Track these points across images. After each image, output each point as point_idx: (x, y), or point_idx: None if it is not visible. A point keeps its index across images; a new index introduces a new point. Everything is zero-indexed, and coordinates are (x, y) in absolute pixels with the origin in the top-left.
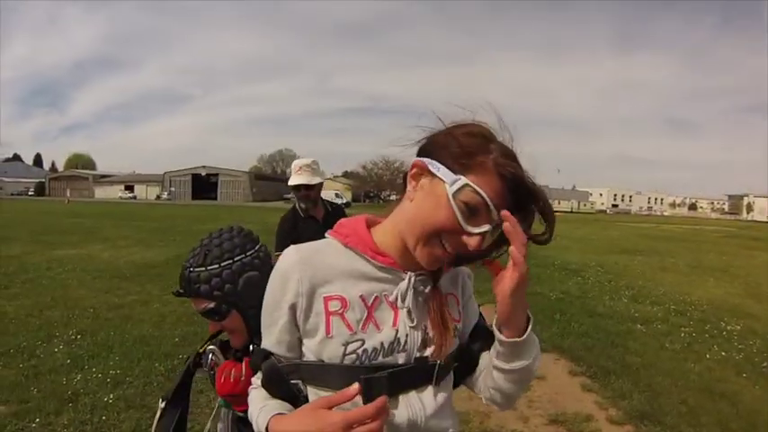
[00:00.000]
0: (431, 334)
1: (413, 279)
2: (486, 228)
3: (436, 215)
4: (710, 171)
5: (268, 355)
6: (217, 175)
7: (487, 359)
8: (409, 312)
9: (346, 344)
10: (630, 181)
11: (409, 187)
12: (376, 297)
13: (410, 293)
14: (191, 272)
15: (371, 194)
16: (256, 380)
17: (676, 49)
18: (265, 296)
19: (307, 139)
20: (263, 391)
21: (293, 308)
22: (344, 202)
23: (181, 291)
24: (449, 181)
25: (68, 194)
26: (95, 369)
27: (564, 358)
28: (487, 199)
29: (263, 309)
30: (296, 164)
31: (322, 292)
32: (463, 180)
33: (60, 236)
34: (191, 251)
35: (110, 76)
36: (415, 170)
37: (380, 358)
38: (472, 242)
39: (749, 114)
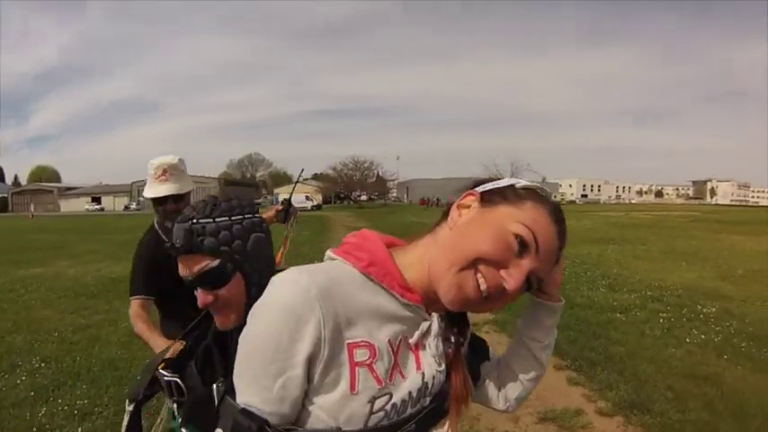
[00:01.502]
0: (451, 387)
1: (437, 321)
2: (530, 265)
3: (483, 240)
4: (675, 159)
5: (262, 426)
6: None
7: (490, 369)
8: (434, 357)
9: (373, 400)
10: (598, 171)
11: (453, 215)
12: (399, 340)
13: (437, 337)
14: (194, 223)
15: (342, 196)
16: None
17: (641, 43)
18: (256, 337)
19: (276, 142)
20: None
21: (310, 359)
22: (315, 204)
23: (177, 245)
24: (507, 217)
25: (33, 209)
26: (61, 400)
27: None
28: (539, 237)
29: (251, 353)
30: (156, 165)
31: (346, 338)
32: (518, 216)
33: (24, 254)
34: (189, 208)
35: (75, 86)
36: (468, 198)
37: (409, 410)
38: (512, 280)
39: (711, 104)
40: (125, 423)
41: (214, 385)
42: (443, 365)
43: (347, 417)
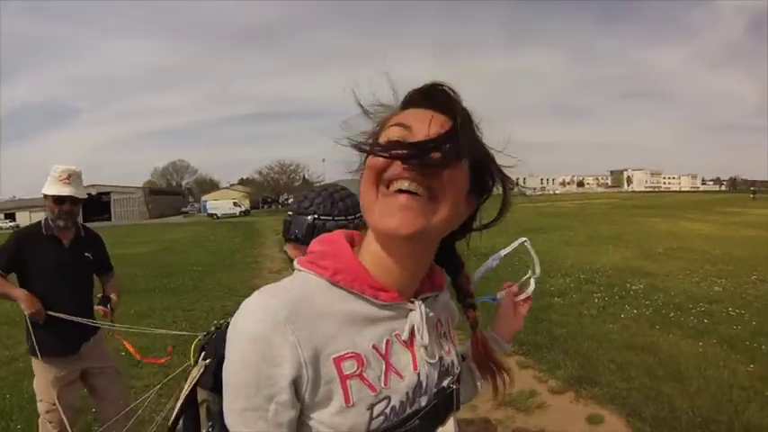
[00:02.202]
0: (446, 362)
1: (422, 308)
2: (405, 150)
3: (371, 161)
4: (593, 151)
5: None
6: (109, 193)
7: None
8: (426, 348)
9: (371, 407)
10: (523, 164)
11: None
12: (387, 341)
13: (425, 326)
14: (317, 219)
15: (269, 200)
16: None
17: (558, 44)
18: (235, 371)
19: (201, 149)
20: None
21: (295, 383)
22: (244, 210)
23: (299, 236)
24: (366, 146)
25: None
26: None
27: None
28: (401, 121)
29: (234, 387)
30: (62, 169)
31: (329, 354)
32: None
33: None
34: (305, 198)
35: None
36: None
37: (408, 409)
38: (397, 167)
39: (624, 100)
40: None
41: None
42: (437, 355)
43: (349, 426)
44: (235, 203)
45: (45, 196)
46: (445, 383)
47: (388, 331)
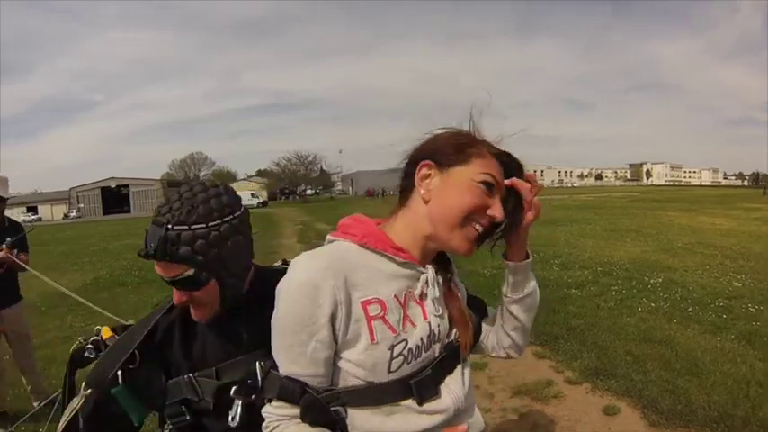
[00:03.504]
0: (454, 317)
1: (432, 271)
2: (499, 198)
3: (465, 199)
4: (612, 143)
5: (303, 388)
6: (128, 186)
7: (489, 323)
8: (434, 302)
9: (392, 347)
10: (540, 157)
11: (421, 190)
12: (405, 294)
13: (433, 285)
14: (170, 230)
15: (287, 191)
16: (286, 410)
17: (571, 37)
18: (285, 313)
19: (218, 141)
20: (307, 428)
21: (332, 319)
22: (261, 201)
23: (151, 252)
24: (467, 169)
25: None
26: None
27: None
28: (496, 176)
29: (283, 328)
30: None
31: (359, 297)
32: (476, 165)
33: None
34: (163, 205)
35: None
36: (424, 170)
37: (423, 353)
38: (497, 212)
39: (644, 92)
40: (81, 409)
41: (257, 363)
42: (441, 310)
43: (372, 363)
44: (252, 195)
45: None
46: (452, 337)
47: (405, 287)
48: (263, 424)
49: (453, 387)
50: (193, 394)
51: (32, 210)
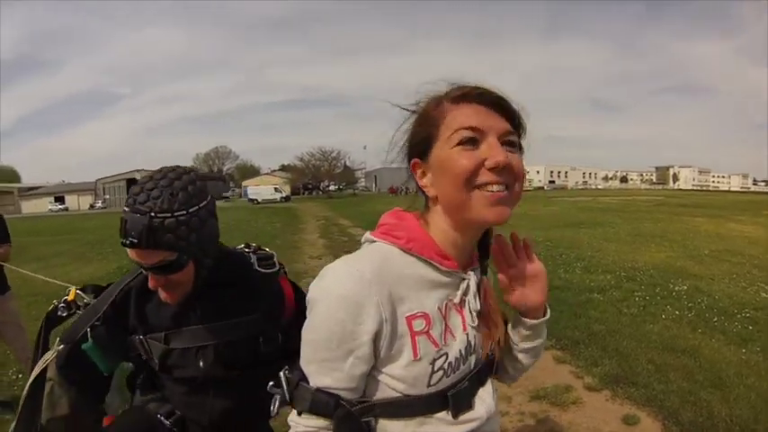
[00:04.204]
0: (488, 327)
1: (474, 277)
2: (493, 140)
3: (453, 171)
4: (638, 146)
5: (337, 401)
6: None
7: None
8: (472, 312)
9: (433, 361)
10: (565, 158)
11: (426, 186)
12: (446, 304)
13: (475, 293)
14: (153, 217)
15: (310, 186)
16: (314, 421)
17: (601, 36)
18: (320, 327)
19: (241, 134)
20: None
21: (376, 337)
22: (284, 196)
23: (134, 240)
24: (439, 143)
25: None
26: None
27: None
28: (470, 123)
29: (317, 341)
30: None
31: (404, 312)
32: (444, 131)
33: None
34: (141, 191)
35: (27, 80)
36: (417, 171)
37: (462, 366)
38: (494, 158)
39: (671, 95)
40: (56, 360)
41: (281, 373)
42: (476, 320)
43: (413, 378)
44: (276, 189)
45: None
46: (487, 348)
47: (446, 295)
48: None
49: (485, 397)
50: (144, 353)
51: (60, 200)
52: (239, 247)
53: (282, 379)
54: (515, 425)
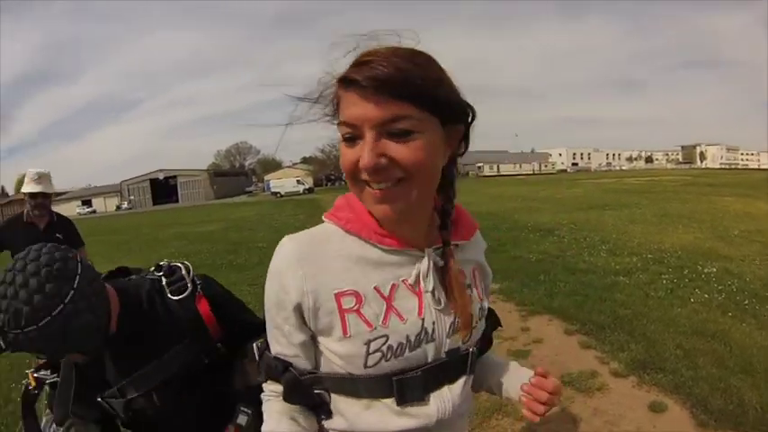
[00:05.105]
0: (454, 316)
1: (432, 256)
2: (368, 136)
3: (343, 165)
4: (663, 124)
5: (286, 366)
6: (175, 177)
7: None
8: (434, 293)
9: (368, 342)
10: (587, 140)
11: None
12: (393, 285)
13: (431, 273)
14: (7, 333)
15: (333, 177)
16: (271, 387)
17: (619, 11)
18: (266, 295)
19: (261, 130)
20: (286, 408)
21: (299, 308)
22: (307, 187)
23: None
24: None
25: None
26: None
27: (556, 318)
28: (345, 119)
29: (266, 309)
30: (33, 173)
31: (332, 288)
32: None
33: None
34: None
35: (48, 91)
36: None
37: (407, 353)
38: (364, 161)
39: (697, 70)
40: None
41: (254, 344)
42: (443, 303)
43: (348, 356)
44: (298, 181)
45: (24, 194)
46: (461, 343)
47: (394, 276)
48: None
49: (447, 396)
50: (109, 411)
51: (87, 203)
52: (150, 272)
53: (255, 349)
54: None
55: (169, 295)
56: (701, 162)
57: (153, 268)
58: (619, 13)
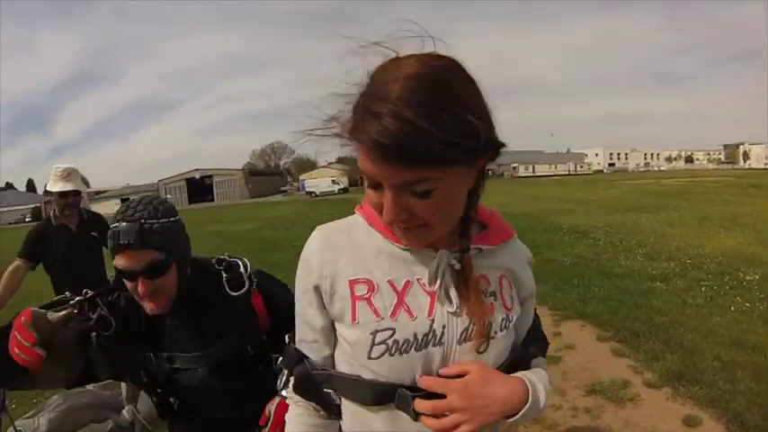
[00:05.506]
0: (469, 306)
1: (445, 257)
2: (388, 194)
3: (371, 202)
4: (704, 122)
5: (301, 358)
6: (211, 176)
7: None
8: (447, 294)
9: (374, 332)
10: (625, 139)
11: None
12: (407, 282)
13: (442, 273)
14: (144, 223)
15: None
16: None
17: (656, 6)
18: (295, 285)
19: (297, 129)
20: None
21: (317, 290)
22: (342, 187)
23: (129, 242)
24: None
25: None
26: None
27: (589, 324)
28: (367, 173)
29: (295, 298)
30: (63, 168)
31: (347, 275)
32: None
33: None
34: (128, 207)
35: (91, 93)
36: None
37: (413, 351)
38: (387, 217)
39: (739, 64)
40: None
41: (287, 334)
42: (455, 305)
43: (354, 342)
44: (333, 181)
45: (51, 192)
46: (476, 353)
47: (410, 273)
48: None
49: None
50: (148, 369)
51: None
52: (213, 260)
53: (286, 339)
54: (568, 420)
55: (228, 290)
56: (745, 162)
57: (214, 261)
58: (657, 4)
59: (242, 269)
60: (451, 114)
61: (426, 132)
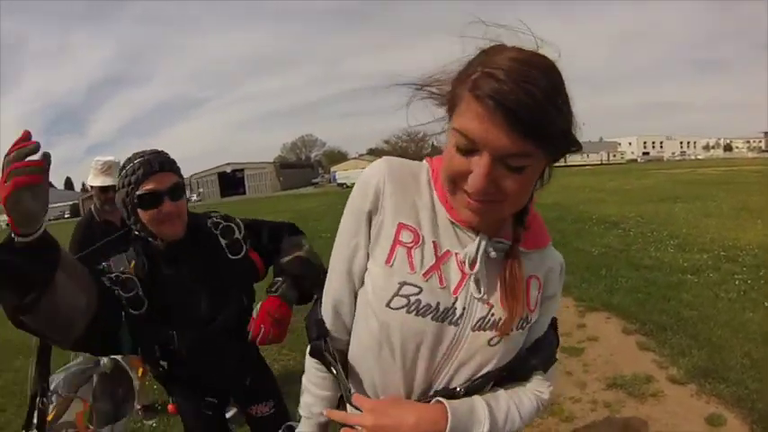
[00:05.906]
0: (496, 315)
1: (484, 243)
2: (484, 160)
3: (447, 169)
4: (744, 109)
5: (320, 336)
6: (243, 169)
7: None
8: (477, 282)
9: (403, 284)
10: (660, 127)
11: None
12: (447, 252)
13: (480, 259)
14: (163, 152)
15: None
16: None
17: None
18: (345, 209)
19: (326, 124)
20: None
21: (369, 216)
22: None
23: (156, 168)
24: (450, 125)
25: None
26: None
27: (615, 316)
28: (470, 134)
29: (339, 230)
30: (103, 162)
31: (399, 217)
32: (455, 118)
33: None
34: (144, 152)
35: (124, 93)
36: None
37: (429, 318)
38: (476, 185)
39: None
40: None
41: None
42: (482, 293)
43: (380, 285)
44: None
45: (91, 187)
46: (487, 344)
47: (450, 245)
48: None
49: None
50: (171, 343)
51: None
52: (207, 221)
53: (314, 300)
54: (586, 413)
55: (229, 255)
56: None
57: (209, 223)
58: None
59: (237, 234)
60: (565, 103)
61: (546, 110)
